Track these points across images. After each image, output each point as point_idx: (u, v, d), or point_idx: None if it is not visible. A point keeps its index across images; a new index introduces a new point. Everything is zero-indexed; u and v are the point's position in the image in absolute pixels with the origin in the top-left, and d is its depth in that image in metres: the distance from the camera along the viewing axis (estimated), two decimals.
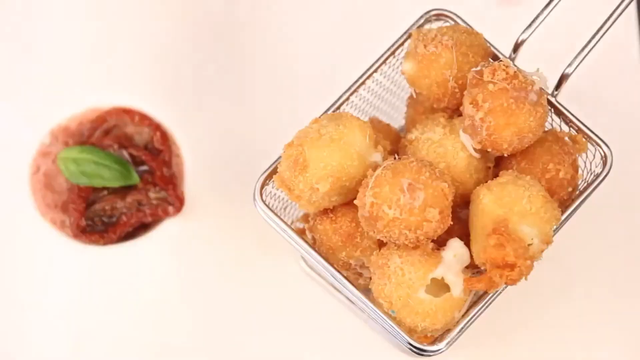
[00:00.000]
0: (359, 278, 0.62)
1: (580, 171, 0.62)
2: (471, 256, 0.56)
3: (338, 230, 0.59)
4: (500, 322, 0.74)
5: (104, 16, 0.83)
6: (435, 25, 0.63)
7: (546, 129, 0.63)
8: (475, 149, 0.57)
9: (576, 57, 0.58)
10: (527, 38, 0.58)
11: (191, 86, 0.81)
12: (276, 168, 0.59)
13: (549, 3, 0.58)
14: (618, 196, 0.77)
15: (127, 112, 0.79)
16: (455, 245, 0.56)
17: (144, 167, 0.77)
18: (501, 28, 0.66)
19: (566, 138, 0.61)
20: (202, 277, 0.76)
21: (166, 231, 0.77)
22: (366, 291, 0.59)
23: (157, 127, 0.78)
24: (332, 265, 0.59)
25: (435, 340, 0.58)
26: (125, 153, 0.77)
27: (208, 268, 0.76)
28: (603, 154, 0.61)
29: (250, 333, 0.75)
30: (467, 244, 0.56)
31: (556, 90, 0.60)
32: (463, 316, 0.57)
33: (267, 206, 0.60)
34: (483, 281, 0.53)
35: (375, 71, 0.62)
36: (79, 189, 0.76)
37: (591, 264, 0.76)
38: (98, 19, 0.82)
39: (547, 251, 0.54)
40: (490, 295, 0.57)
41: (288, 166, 0.56)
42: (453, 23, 0.63)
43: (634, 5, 0.81)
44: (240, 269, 0.76)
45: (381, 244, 0.59)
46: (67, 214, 0.77)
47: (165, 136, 0.78)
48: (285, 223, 0.59)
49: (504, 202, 0.53)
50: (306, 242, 0.59)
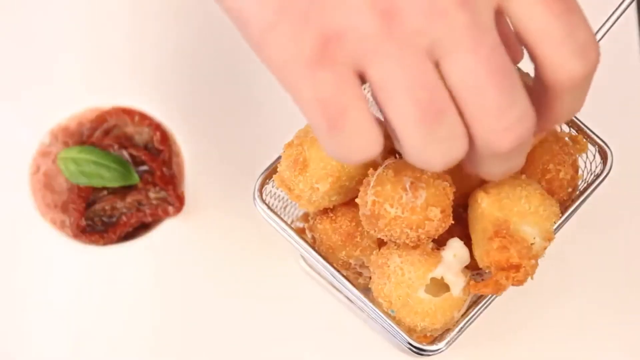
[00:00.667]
0: (359, 277, 0.62)
1: (580, 171, 0.62)
2: (471, 257, 0.56)
3: (338, 229, 0.59)
4: (500, 322, 0.74)
5: (104, 16, 0.83)
6: None
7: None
8: None
9: None
10: None
11: (191, 86, 0.81)
12: (276, 168, 0.59)
13: None
14: (618, 196, 0.77)
15: (127, 112, 0.79)
16: (455, 245, 0.56)
17: (144, 167, 0.77)
18: None
19: (566, 138, 0.61)
20: (202, 277, 0.76)
21: (166, 231, 0.77)
22: (366, 290, 0.59)
23: (157, 127, 0.78)
24: (332, 264, 0.59)
25: (434, 339, 0.58)
26: (125, 153, 0.77)
27: (208, 267, 0.76)
28: (603, 155, 0.61)
29: (250, 332, 0.75)
30: (468, 244, 0.56)
31: None
32: (463, 316, 0.57)
33: (267, 205, 0.60)
34: (490, 285, 0.53)
35: None
36: (79, 189, 0.76)
37: (591, 264, 0.76)
38: (98, 19, 0.83)
39: (548, 251, 0.54)
40: (490, 295, 0.57)
41: (288, 166, 0.56)
42: None
43: (634, 5, 0.81)
44: (240, 268, 0.76)
45: (381, 244, 0.59)
46: (67, 214, 0.77)
47: (165, 136, 0.78)
48: (285, 222, 0.59)
49: (503, 204, 0.53)
50: (306, 242, 0.59)
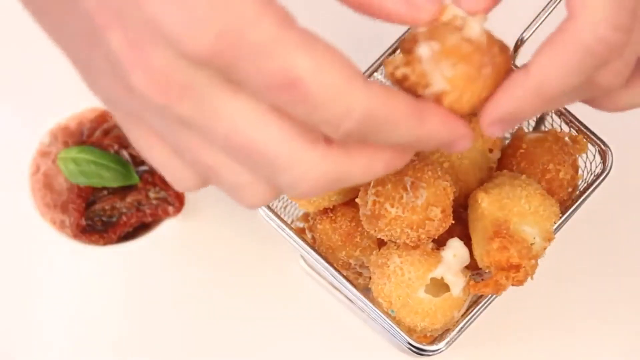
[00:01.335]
0: (359, 277, 0.62)
1: (580, 171, 0.62)
2: (471, 257, 0.56)
3: (338, 229, 0.59)
4: (500, 322, 0.73)
5: None
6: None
7: (546, 129, 0.63)
8: None
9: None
10: (528, 38, 0.58)
11: None
12: None
13: (549, 3, 0.58)
14: (618, 196, 0.77)
15: None
16: (455, 245, 0.56)
17: (144, 167, 0.77)
18: (501, 28, 0.66)
19: (566, 138, 0.61)
20: (202, 277, 0.76)
21: (166, 231, 0.77)
22: (366, 290, 0.59)
23: None
24: (332, 264, 0.59)
25: (434, 339, 0.58)
26: (125, 153, 0.77)
27: (208, 267, 0.76)
28: (603, 155, 0.61)
29: (250, 332, 0.75)
30: (468, 244, 0.56)
31: None
32: (463, 316, 0.57)
33: (267, 205, 0.60)
34: (490, 285, 0.53)
35: (375, 71, 0.62)
36: (79, 189, 0.76)
37: (591, 264, 0.76)
38: None
39: (548, 251, 0.54)
40: (490, 295, 0.57)
41: None
42: None
43: None
44: (240, 268, 0.76)
45: (381, 244, 0.59)
46: (67, 214, 0.76)
47: None
48: (285, 222, 0.59)
49: (503, 204, 0.53)
50: (306, 242, 0.59)
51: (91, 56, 0.38)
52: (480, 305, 0.57)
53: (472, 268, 0.56)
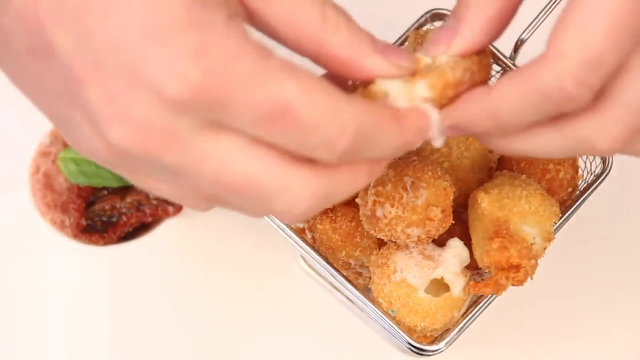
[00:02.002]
0: (359, 277, 0.62)
1: (580, 171, 0.62)
2: (471, 257, 0.56)
3: (338, 229, 0.59)
4: (500, 322, 0.73)
5: None
6: (435, 25, 0.63)
7: None
8: None
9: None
10: (528, 38, 0.58)
11: None
12: None
13: (549, 3, 0.58)
14: (618, 196, 0.77)
15: None
16: (455, 245, 0.56)
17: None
18: None
19: None
20: (202, 277, 0.76)
21: (166, 231, 0.77)
22: (366, 290, 0.59)
23: None
24: (332, 264, 0.59)
25: (434, 340, 0.58)
26: None
27: (208, 267, 0.76)
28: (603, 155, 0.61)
29: (249, 332, 0.75)
30: (468, 244, 0.56)
31: None
32: (462, 316, 0.57)
33: None
34: (490, 285, 0.53)
35: None
36: (79, 189, 0.76)
37: (591, 264, 0.76)
38: None
39: (547, 251, 0.54)
40: (489, 295, 0.57)
41: None
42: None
43: None
44: (240, 268, 0.76)
45: (381, 244, 0.59)
46: (67, 214, 0.77)
47: None
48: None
49: (503, 204, 0.53)
50: (306, 242, 0.59)
51: (70, 115, 0.37)
52: (480, 305, 0.57)
53: (472, 268, 0.56)
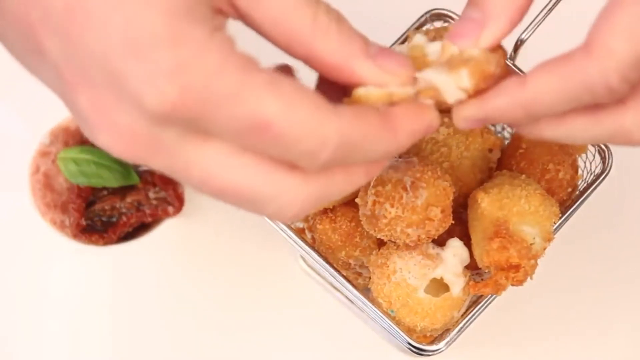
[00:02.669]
0: (358, 277, 0.62)
1: (580, 172, 0.62)
2: (471, 257, 0.56)
3: (337, 229, 0.59)
4: (499, 322, 0.73)
5: None
6: (435, 25, 0.63)
7: None
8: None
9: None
10: (527, 38, 0.58)
11: None
12: None
13: (549, 3, 0.58)
14: (618, 196, 0.77)
15: None
16: (455, 245, 0.56)
17: (144, 167, 0.77)
18: None
19: None
20: (202, 277, 0.76)
21: (166, 231, 0.77)
22: (366, 290, 0.59)
23: None
24: (332, 264, 0.59)
25: (434, 339, 0.58)
26: None
27: (208, 268, 0.76)
28: (603, 155, 0.61)
29: (249, 332, 0.75)
30: (468, 244, 0.56)
31: None
32: (462, 316, 0.57)
33: None
34: (490, 285, 0.53)
35: None
36: (79, 189, 0.76)
37: (591, 264, 0.76)
38: None
39: (547, 251, 0.54)
40: (489, 295, 0.57)
41: None
42: (453, 23, 0.63)
43: None
44: (239, 268, 0.76)
45: (381, 244, 0.59)
46: (67, 214, 0.77)
47: None
48: (284, 223, 0.59)
49: (503, 204, 0.53)
50: (306, 242, 0.59)
51: (68, 107, 0.38)
52: (479, 305, 0.57)
53: (472, 268, 0.56)
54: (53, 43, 0.35)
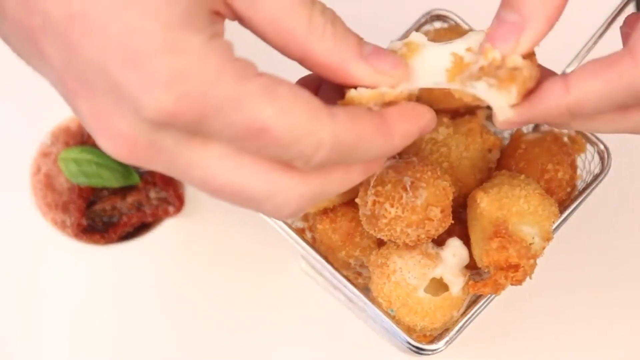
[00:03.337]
0: (358, 277, 0.62)
1: (579, 172, 0.62)
2: (471, 256, 0.56)
3: (337, 229, 0.59)
4: (499, 322, 0.74)
5: None
6: (435, 25, 0.63)
7: (545, 130, 0.63)
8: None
9: (576, 57, 0.58)
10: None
11: None
12: None
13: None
14: (617, 196, 0.77)
15: None
16: (454, 244, 0.56)
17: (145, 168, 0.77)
18: None
19: (565, 138, 0.61)
20: (202, 277, 0.76)
21: (166, 231, 0.77)
22: (365, 290, 0.59)
23: None
24: (332, 264, 0.59)
25: (434, 339, 0.58)
26: None
27: (208, 268, 0.76)
28: (602, 155, 0.61)
29: (249, 332, 0.75)
30: (467, 244, 0.56)
31: None
32: (462, 315, 0.57)
33: None
34: (489, 285, 0.53)
35: None
36: (80, 189, 0.76)
37: (590, 264, 0.76)
38: None
39: (546, 251, 0.54)
40: (488, 294, 0.57)
41: None
42: (453, 23, 0.63)
43: (633, 5, 0.81)
44: (240, 268, 0.76)
45: (381, 244, 0.59)
46: (68, 214, 0.77)
47: None
48: (285, 222, 0.60)
49: (502, 204, 0.54)
50: (306, 242, 0.59)
51: (69, 106, 0.39)
52: (479, 304, 0.57)
53: (471, 268, 0.56)
54: (53, 50, 0.36)
